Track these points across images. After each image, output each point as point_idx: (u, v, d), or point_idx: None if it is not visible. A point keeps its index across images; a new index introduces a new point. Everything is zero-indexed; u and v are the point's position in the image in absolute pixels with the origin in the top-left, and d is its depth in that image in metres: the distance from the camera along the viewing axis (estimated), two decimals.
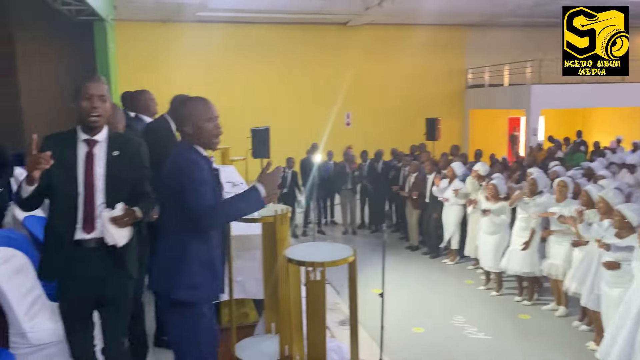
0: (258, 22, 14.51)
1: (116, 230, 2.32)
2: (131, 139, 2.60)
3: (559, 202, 5.66)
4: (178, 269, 2.40)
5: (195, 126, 2.43)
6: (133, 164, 2.50)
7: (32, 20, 9.71)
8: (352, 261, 2.89)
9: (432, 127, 11.63)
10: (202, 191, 2.33)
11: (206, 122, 2.45)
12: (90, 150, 2.42)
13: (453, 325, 5.74)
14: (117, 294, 2.52)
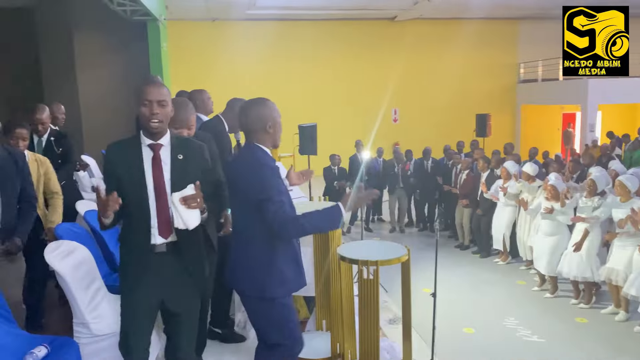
0: (306, 19, 14.56)
1: (186, 212, 2.28)
2: (194, 142, 2.57)
3: (623, 202, 5.42)
4: (270, 271, 2.47)
5: (275, 124, 2.53)
6: (198, 167, 2.47)
7: (90, 20, 10.09)
8: (406, 260, 2.86)
9: (482, 123, 11.34)
10: (282, 201, 2.37)
11: (280, 119, 2.57)
12: (156, 154, 2.41)
13: (505, 326, 5.59)
14: (184, 301, 2.51)
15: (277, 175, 2.42)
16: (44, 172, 3.73)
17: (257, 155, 2.49)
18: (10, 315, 2.81)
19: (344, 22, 15.03)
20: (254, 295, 2.52)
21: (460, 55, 15.71)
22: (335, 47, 15.17)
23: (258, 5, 12.72)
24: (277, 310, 2.53)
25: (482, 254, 7.92)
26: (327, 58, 15.15)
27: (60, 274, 2.85)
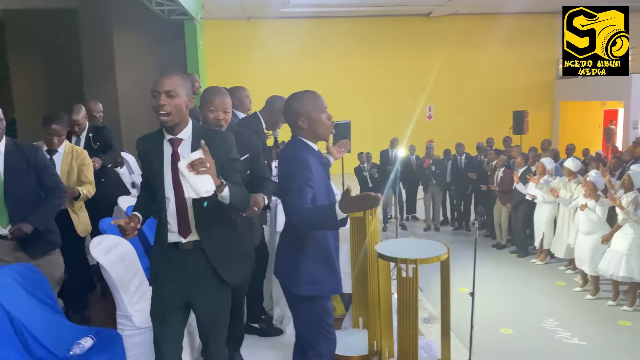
0: (340, 16, 14.54)
1: (195, 178, 2.07)
2: (218, 132, 2.44)
3: None
4: (298, 267, 2.46)
5: (309, 119, 2.46)
6: (219, 158, 2.26)
7: (129, 20, 10.32)
8: (445, 259, 2.83)
9: (519, 120, 11.11)
10: (303, 190, 2.30)
11: (320, 114, 2.48)
12: (175, 150, 2.30)
13: (544, 328, 5.47)
14: (209, 301, 2.42)
15: (304, 166, 2.35)
16: (79, 164, 3.75)
17: (292, 146, 2.50)
18: (57, 306, 2.91)
19: (379, 18, 14.94)
20: (286, 289, 2.56)
21: (497, 50, 15.41)
22: (369, 44, 15.10)
23: (292, 3, 12.77)
24: (308, 308, 2.52)
25: (519, 254, 7.77)
26: (361, 55, 15.09)
27: (104, 267, 2.93)
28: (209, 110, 2.72)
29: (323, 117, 2.49)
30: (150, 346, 2.97)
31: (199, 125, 2.39)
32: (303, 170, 2.34)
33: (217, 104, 2.71)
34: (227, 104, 2.74)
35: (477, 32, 15.36)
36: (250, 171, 2.78)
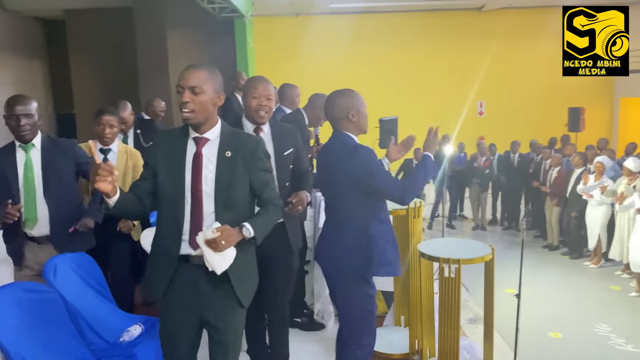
0: (389, 10, 14.41)
1: (213, 255, 1.94)
2: (250, 137, 2.21)
3: None
4: (372, 251, 2.55)
5: (358, 113, 2.65)
6: (249, 167, 2.09)
7: (181, 18, 10.61)
8: (490, 260, 2.77)
9: (575, 117, 10.71)
10: (387, 173, 2.54)
11: (364, 108, 2.70)
12: (199, 150, 2.07)
13: (596, 333, 5.27)
14: (229, 322, 2.15)
15: (374, 153, 2.55)
16: (133, 164, 3.57)
17: (347, 141, 2.63)
18: (109, 295, 3.05)
19: (429, 13, 14.70)
20: (354, 274, 2.58)
21: (552, 45, 14.80)
22: (418, 39, 14.88)
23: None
24: (361, 299, 2.60)
25: (572, 256, 7.51)
26: (410, 50, 14.91)
27: None
28: (252, 97, 2.69)
29: (366, 111, 2.71)
30: None
31: (228, 127, 2.17)
32: (374, 155, 2.55)
33: (260, 91, 2.69)
34: (270, 91, 2.71)
35: (531, 26, 14.86)
36: (293, 166, 2.80)
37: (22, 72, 12.54)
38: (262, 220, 2.09)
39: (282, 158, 2.71)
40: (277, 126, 2.78)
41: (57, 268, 2.77)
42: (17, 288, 2.55)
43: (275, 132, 2.73)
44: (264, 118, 2.66)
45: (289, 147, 2.76)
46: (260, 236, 2.05)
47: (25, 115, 2.79)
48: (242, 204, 2.11)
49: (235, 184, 2.06)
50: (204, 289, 2.08)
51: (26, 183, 2.84)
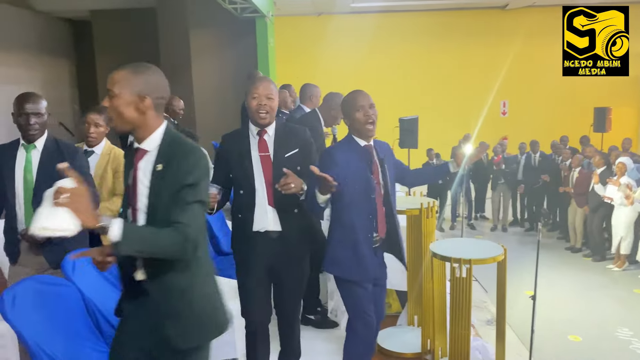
0: (412, 10, 14.33)
1: (51, 210, 1.61)
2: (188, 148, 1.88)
3: None
4: (328, 247, 2.70)
5: (347, 117, 2.67)
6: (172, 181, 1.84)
7: (204, 19, 10.75)
8: (502, 260, 2.76)
9: (601, 117, 10.50)
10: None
11: (355, 112, 2.62)
12: (135, 164, 1.91)
13: (617, 337, 5.18)
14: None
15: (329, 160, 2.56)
16: (114, 168, 3.26)
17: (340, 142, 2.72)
18: None
19: (452, 12, 14.57)
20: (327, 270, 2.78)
21: None
22: (441, 38, 14.76)
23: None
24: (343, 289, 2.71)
25: (594, 258, 7.37)
26: (433, 49, 14.80)
27: None
28: (252, 97, 2.59)
29: (358, 115, 2.63)
30: None
31: (173, 134, 1.90)
32: (324, 162, 2.56)
33: (260, 91, 2.58)
34: (270, 89, 2.60)
35: (556, 24, 14.55)
36: (300, 167, 2.66)
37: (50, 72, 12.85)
38: (143, 232, 1.74)
39: (282, 160, 2.60)
40: (284, 128, 2.70)
41: (76, 262, 2.84)
42: (36, 281, 2.63)
43: (279, 134, 2.65)
44: (265, 119, 2.58)
45: (292, 148, 2.66)
46: (127, 247, 1.65)
47: (35, 114, 2.73)
48: None
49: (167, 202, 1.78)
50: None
51: (25, 183, 2.77)
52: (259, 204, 2.59)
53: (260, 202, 2.59)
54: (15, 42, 11.79)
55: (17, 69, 11.77)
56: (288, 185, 2.43)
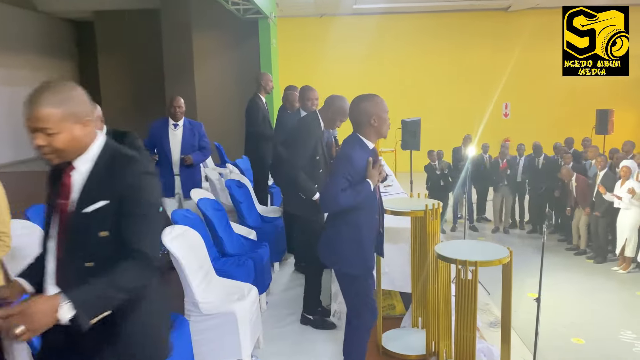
0: (414, 11, 14.33)
1: None
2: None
3: None
4: (335, 248, 2.85)
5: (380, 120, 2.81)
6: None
7: (207, 20, 10.76)
8: (507, 262, 2.76)
9: (603, 119, 10.48)
10: (338, 181, 2.67)
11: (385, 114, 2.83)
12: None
13: (621, 340, 5.17)
14: None
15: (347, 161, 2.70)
16: None
17: (349, 143, 2.82)
18: None
19: (454, 13, 14.58)
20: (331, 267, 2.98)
21: None
22: (443, 40, 14.77)
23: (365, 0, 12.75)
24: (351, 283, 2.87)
25: (597, 260, 7.36)
26: (435, 51, 14.81)
27: (174, 255, 3.10)
28: None
29: (387, 117, 2.84)
30: (214, 333, 3.14)
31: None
32: (344, 165, 2.71)
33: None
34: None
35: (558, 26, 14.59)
36: None
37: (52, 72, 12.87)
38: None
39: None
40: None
41: None
42: None
43: None
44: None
45: None
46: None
47: None
48: None
49: None
50: None
51: None
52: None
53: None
54: (18, 43, 11.82)
55: (20, 70, 11.78)
56: None
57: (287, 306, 4.37)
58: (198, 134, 5.05)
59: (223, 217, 4.30)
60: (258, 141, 5.82)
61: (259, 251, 4.14)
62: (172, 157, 4.96)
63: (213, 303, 3.20)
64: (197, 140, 5.04)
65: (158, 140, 4.96)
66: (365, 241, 2.82)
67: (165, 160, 4.93)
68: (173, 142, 4.95)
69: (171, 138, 4.95)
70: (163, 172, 4.86)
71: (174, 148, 4.95)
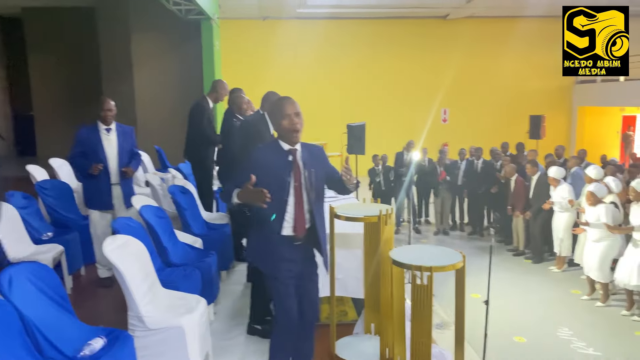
0: (356, 17, 14.50)
1: None
2: (312, 145, 2.93)
3: None
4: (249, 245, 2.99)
5: (274, 123, 2.85)
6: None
7: (147, 20, 10.40)
8: (461, 267, 2.77)
9: (536, 125, 10.98)
10: (234, 175, 2.77)
11: (281, 120, 2.77)
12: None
13: (559, 337, 5.38)
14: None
15: (248, 165, 2.74)
16: None
17: (265, 145, 2.92)
18: (69, 306, 2.90)
19: (395, 20, 14.86)
20: None
21: (514, 54, 15.26)
22: (385, 46, 15.03)
23: (309, 4, 12.74)
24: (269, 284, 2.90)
25: (534, 260, 7.67)
26: (376, 57, 15.03)
27: (117, 268, 2.92)
28: None
29: (287, 120, 2.77)
30: (159, 348, 2.97)
31: None
32: (245, 167, 2.75)
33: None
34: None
35: (494, 35, 15.21)
36: None
37: None
38: None
39: None
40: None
41: (13, 279, 2.62)
42: None
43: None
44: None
45: None
46: None
47: None
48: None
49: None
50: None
51: None
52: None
53: None
54: None
55: None
56: None
57: (236, 316, 4.24)
58: (130, 139, 4.73)
59: (167, 225, 4.12)
60: (200, 144, 5.62)
61: (206, 260, 3.98)
62: (110, 165, 4.55)
63: (159, 317, 3.03)
64: (130, 146, 4.71)
65: (91, 148, 4.49)
66: (277, 242, 2.82)
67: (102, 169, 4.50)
68: (109, 149, 4.54)
69: (106, 144, 4.53)
70: (98, 182, 4.49)
71: (111, 155, 4.56)
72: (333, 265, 3.40)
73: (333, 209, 3.34)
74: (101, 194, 4.51)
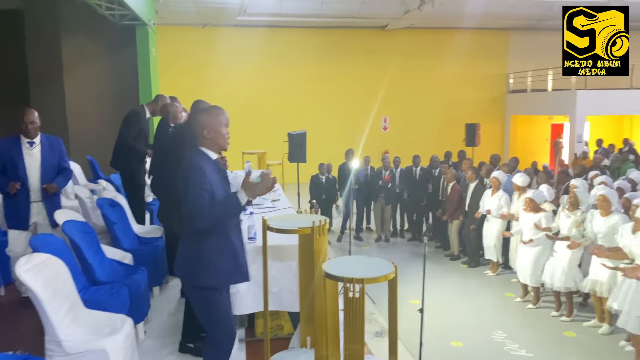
0: (297, 26, 14.53)
1: None
2: None
3: (603, 217, 5.38)
4: (203, 261, 2.74)
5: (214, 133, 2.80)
6: None
7: (78, 24, 9.95)
8: (393, 278, 2.77)
9: (472, 132, 11.35)
10: (199, 194, 2.60)
11: (222, 128, 2.82)
12: None
13: (493, 340, 5.52)
14: None
15: (200, 174, 2.66)
16: None
17: (192, 157, 2.76)
18: None
19: (335, 30, 15.01)
20: (189, 283, 2.82)
21: (450, 64, 15.76)
22: (326, 55, 15.15)
23: (249, 12, 12.65)
24: (208, 299, 2.79)
25: (470, 264, 7.87)
26: (317, 66, 15.12)
27: (32, 290, 2.72)
28: None
29: (224, 130, 2.82)
30: None
31: None
32: (199, 176, 2.65)
33: None
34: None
35: (431, 46, 15.66)
36: None
37: None
38: None
39: None
40: None
41: None
42: None
43: None
44: None
45: None
46: None
47: None
48: None
49: None
50: None
51: None
52: None
53: None
54: None
55: None
56: None
57: (168, 334, 4.08)
58: (58, 152, 4.42)
59: (93, 240, 3.91)
60: (129, 154, 5.41)
61: (135, 277, 3.81)
62: (30, 182, 4.25)
63: (79, 340, 2.86)
64: (57, 160, 4.40)
65: (9, 163, 4.20)
66: (239, 250, 2.83)
67: (20, 186, 4.19)
68: (30, 164, 4.24)
69: (27, 159, 4.23)
70: (17, 200, 4.19)
71: (32, 171, 4.26)
72: (266, 279, 3.33)
73: (265, 221, 3.27)
74: (18, 213, 4.22)
